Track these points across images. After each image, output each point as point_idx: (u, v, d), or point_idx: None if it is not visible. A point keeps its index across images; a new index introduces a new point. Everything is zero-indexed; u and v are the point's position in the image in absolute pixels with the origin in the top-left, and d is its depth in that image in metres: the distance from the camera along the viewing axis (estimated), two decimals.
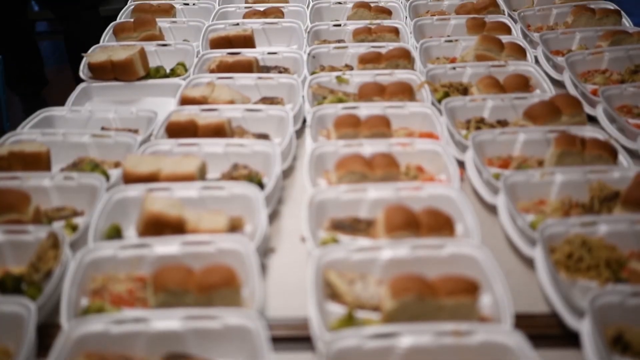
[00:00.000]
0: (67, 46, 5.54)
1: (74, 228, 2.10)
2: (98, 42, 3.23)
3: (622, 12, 3.34)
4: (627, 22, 3.31)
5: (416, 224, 1.98)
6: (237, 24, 3.31)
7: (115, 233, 2.05)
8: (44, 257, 1.92)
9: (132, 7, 3.54)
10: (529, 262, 2.01)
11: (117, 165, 2.41)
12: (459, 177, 2.24)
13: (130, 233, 2.09)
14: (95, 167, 2.35)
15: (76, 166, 2.40)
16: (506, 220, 2.12)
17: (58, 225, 2.10)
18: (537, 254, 1.96)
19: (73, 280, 1.84)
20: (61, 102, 2.85)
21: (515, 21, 3.34)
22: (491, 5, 3.43)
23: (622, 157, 2.32)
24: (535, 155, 2.38)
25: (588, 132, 2.41)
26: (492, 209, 2.23)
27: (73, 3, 5.34)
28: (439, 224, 1.99)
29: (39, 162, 2.29)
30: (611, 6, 3.40)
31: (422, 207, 2.04)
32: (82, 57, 3.04)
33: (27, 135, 2.50)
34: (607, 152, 2.28)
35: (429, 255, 1.90)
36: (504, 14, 3.41)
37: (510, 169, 2.34)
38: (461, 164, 2.38)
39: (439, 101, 2.65)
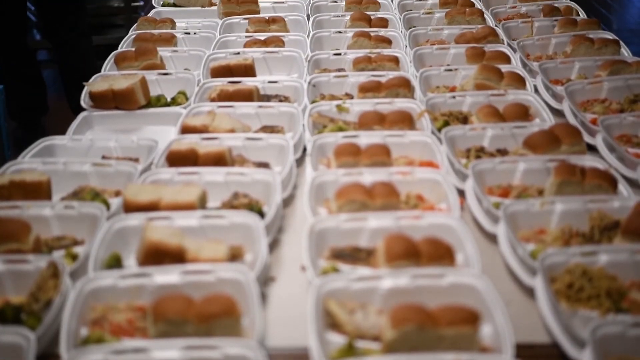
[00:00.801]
0: (62, 75, 5.57)
1: (74, 257, 2.10)
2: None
3: (621, 42, 3.36)
4: (625, 52, 3.32)
5: (416, 253, 1.97)
6: (238, 53, 3.33)
7: (115, 262, 2.04)
8: (44, 287, 1.92)
9: (134, 36, 3.55)
10: (529, 292, 2.00)
11: (117, 194, 2.41)
12: (459, 206, 2.24)
13: (131, 262, 2.09)
14: (96, 196, 2.35)
15: (77, 195, 2.40)
16: (506, 249, 2.12)
17: (58, 255, 2.10)
18: (538, 284, 1.95)
19: (73, 310, 1.83)
20: (61, 130, 2.85)
21: (514, 50, 3.35)
22: (490, 35, 3.44)
23: (622, 187, 2.33)
24: (535, 184, 2.38)
25: (588, 161, 2.42)
26: (492, 238, 2.23)
27: (65, 31, 5.38)
28: (439, 253, 1.99)
29: (39, 191, 2.30)
30: (610, 36, 3.42)
31: (422, 236, 2.04)
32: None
33: (28, 164, 2.51)
34: (607, 182, 2.28)
35: (429, 285, 1.89)
36: (504, 44, 3.43)
37: (510, 198, 2.34)
38: (461, 193, 2.38)
39: (439, 130, 2.66)
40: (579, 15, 3.81)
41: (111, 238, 2.10)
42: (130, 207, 2.20)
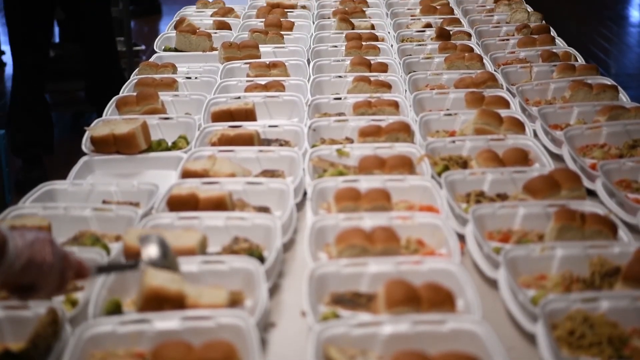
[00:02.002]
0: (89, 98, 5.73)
1: (73, 303, 2.09)
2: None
3: (619, 88, 3.38)
4: (624, 97, 3.34)
5: (417, 299, 1.97)
6: (239, 97, 3.35)
7: (115, 308, 2.04)
8: (43, 333, 1.90)
9: (135, 81, 3.57)
10: (530, 338, 1.99)
11: (118, 238, 2.41)
12: (459, 251, 2.24)
13: (130, 308, 2.08)
14: (96, 241, 2.35)
15: (77, 240, 2.40)
16: (507, 295, 2.12)
17: (58, 301, 2.09)
18: (539, 330, 1.94)
19: (72, 356, 1.82)
20: (62, 174, 2.86)
21: (513, 95, 3.37)
22: (490, 80, 3.46)
23: (622, 232, 2.33)
24: (536, 229, 2.38)
25: (588, 206, 2.42)
26: (493, 284, 2.22)
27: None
28: (440, 299, 1.98)
29: None
30: (608, 82, 3.44)
31: (422, 281, 2.04)
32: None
33: (29, 209, 2.51)
34: (607, 228, 2.29)
35: (430, 331, 1.89)
36: (503, 88, 3.45)
37: (510, 243, 2.34)
38: (461, 238, 2.38)
39: (439, 174, 2.66)
40: (577, 60, 3.83)
41: (111, 284, 2.09)
42: (130, 252, 2.19)
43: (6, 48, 7.88)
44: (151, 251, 2.05)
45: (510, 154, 2.77)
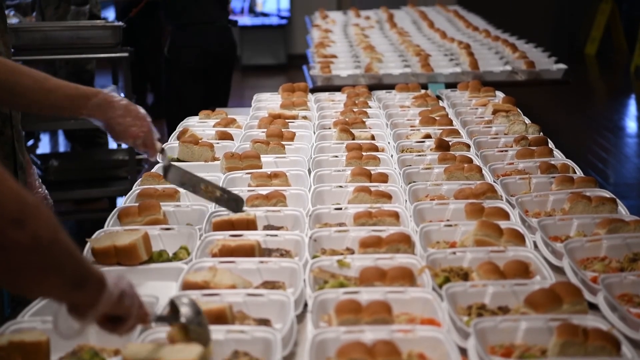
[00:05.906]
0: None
1: None
2: None
3: (618, 201, 3.39)
4: (623, 210, 3.35)
5: None
6: None
7: None
8: None
9: (137, 191, 3.60)
10: None
11: (116, 353, 2.39)
12: None
13: None
14: (95, 355, 2.33)
15: (75, 354, 2.38)
16: None
17: None
18: None
19: None
20: None
21: (513, 206, 3.39)
22: (489, 191, 3.49)
23: (625, 348, 2.30)
24: (538, 343, 2.36)
25: (590, 321, 2.40)
26: None
27: None
28: None
29: (38, 351, 2.27)
30: (607, 194, 3.46)
31: None
32: None
33: (28, 323, 2.48)
34: (610, 343, 2.26)
35: None
36: (502, 200, 3.47)
37: (513, 358, 2.32)
38: (463, 352, 2.36)
39: (440, 286, 2.66)
40: (575, 172, 3.86)
41: None
42: None
43: None
44: (185, 310, 2.27)
45: (511, 266, 2.77)
